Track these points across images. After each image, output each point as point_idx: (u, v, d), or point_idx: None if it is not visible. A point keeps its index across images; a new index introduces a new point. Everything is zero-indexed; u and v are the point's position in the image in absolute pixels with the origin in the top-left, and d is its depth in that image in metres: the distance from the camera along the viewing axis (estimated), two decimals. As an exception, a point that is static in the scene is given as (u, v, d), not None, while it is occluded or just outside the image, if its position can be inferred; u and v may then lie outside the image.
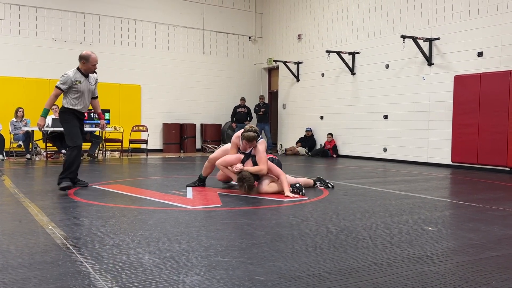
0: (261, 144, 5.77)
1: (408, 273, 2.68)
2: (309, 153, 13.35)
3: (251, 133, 5.68)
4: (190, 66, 15.03)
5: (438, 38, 10.27)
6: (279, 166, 5.98)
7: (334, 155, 12.82)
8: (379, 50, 11.78)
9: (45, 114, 5.81)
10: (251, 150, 5.82)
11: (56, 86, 5.76)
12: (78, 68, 5.87)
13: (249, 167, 5.64)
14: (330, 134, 13.01)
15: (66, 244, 3.18)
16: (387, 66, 11.56)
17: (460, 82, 9.70)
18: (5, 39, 12.32)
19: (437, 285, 2.50)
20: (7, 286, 2.38)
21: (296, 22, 14.80)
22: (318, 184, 6.36)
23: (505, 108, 8.92)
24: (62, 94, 5.85)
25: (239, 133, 5.93)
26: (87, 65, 5.84)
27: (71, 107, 5.83)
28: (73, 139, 5.78)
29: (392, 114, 11.46)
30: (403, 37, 10.37)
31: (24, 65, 12.51)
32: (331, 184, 6.34)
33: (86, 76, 5.92)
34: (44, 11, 12.83)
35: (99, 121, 11.19)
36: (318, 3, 13.87)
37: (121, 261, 2.81)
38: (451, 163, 9.93)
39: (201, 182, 6.28)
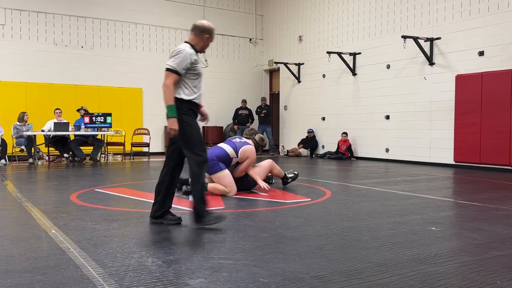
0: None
1: (412, 273, 2.67)
2: (329, 155, 12.68)
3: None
4: (191, 69, 15.01)
5: (439, 38, 10.27)
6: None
7: (353, 158, 12.33)
8: (380, 50, 11.77)
9: (174, 112, 3.82)
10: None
11: (170, 69, 3.82)
12: (190, 44, 4.03)
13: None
14: (345, 133, 12.51)
15: (70, 248, 3.18)
16: (388, 67, 11.55)
17: (462, 81, 9.69)
18: (7, 44, 12.36)
19: (442, 285, 2.49)
20: (11, 290, 2.38)
21: (296, 23, 14.81)
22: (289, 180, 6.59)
23: (507, 107, 8.90)
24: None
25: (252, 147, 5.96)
26: (207, 41, 4.10)
27: (191, 98, 3.92)
28: (200, 150, 3.90)
29: (393, 114, 11.45)
30: (404, 37, 10.37)
31: (25, 70, 12.54)
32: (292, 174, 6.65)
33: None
34: (45, 15, 12.86)
35: (101, 125, 11.35)
36: (318, 4, 13.88)
37: (125, 265, 2.81)
38: (453, 162, 9.91)
39: None
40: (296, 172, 6.69)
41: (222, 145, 5.94)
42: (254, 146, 6.07)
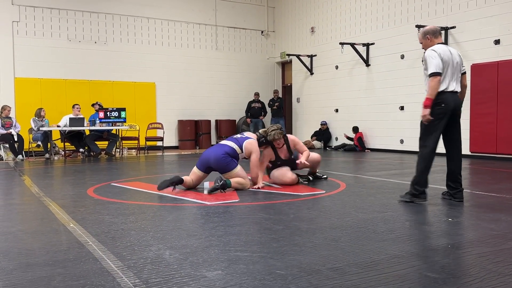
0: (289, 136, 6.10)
1: (429, 265, 2.67)
2: (343, 148, 12.73)
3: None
4: (204, 63, 15.07)
5: (453, 27, 10.12)
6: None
7: (367, 150, 12.31)
8: (393, 40, 11.64)
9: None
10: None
11: (435, 73, 4.33)
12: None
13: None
14: (355, 128, 12.55)
15: (88, 242, 3.23)
16: (402, 57, 11.43)
17: (477, 71, 9.55)
18: (21, 41, 12.50)
19: (460, 277, 2.48)
20: (32, 284, 2.43)
21: (308, 15, 14.71)
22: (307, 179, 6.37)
23: (524, 96, 8.76)
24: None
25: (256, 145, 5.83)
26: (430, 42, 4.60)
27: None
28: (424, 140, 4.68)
29: (408, 105, 11.34)
30: (418, 26, 10.23)
31: (40, 66, 12.68)
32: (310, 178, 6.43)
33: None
34: (59, 12, 12.97)
35: (115, 120, 11.44)
36: (330, -5, 13.75)
37: (143, 257, 2.85)
38: (469, 153, 9.80)
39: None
40: (325, 176, 6.61)
41: (227, 142, 5.82)
42: (257, 140, 5.85)
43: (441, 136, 4.56)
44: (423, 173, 4.54)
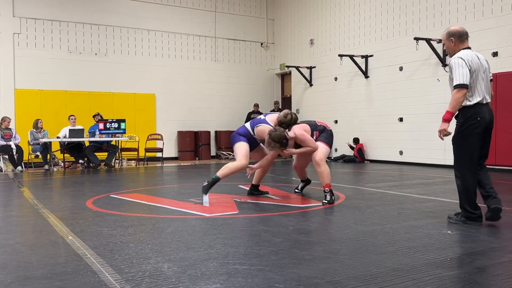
0: (295, 129, 5.57)
1: (429, 278, 2.66)
2: (342, 159, 12.73)
3: (273, 139, 5.42)
4: (203, 74, 15.13)
5: (452, 39, 10.18)
6: (330, 138, 5.74)
7: (367, 161, 12.33)
8: (392, 52, 11.71)
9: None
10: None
11: (461, 86, 3.93)
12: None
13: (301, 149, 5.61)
14: (355, 139, 12.58)
15: (87, 254, 3.22)
16: (401, 69, 11.49)
17: None
18: (22, 53, 12.56)
19: (459, 290, 2.47)
20: (30, 297, 2.41)
21: (307, 27, 14.81)
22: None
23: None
24: None
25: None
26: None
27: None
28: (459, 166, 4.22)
29: (407, 116, 11.38)
30: (416, 39, 10.30)
31: (40, 77, 12.72)
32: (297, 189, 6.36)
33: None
34: (59, 24, 13.05)
35: (115, 131, 11.46)
36: (329, 7, 13.87)
37: (141, 270, 2.84)
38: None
39: (255, 189, 6.10)
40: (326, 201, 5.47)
41: (247, 124, 5.88)
42: (279, 124, 5.57)
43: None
44: (469, 201, 4.09)
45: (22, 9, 12.59)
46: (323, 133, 5.73)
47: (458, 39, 4.11)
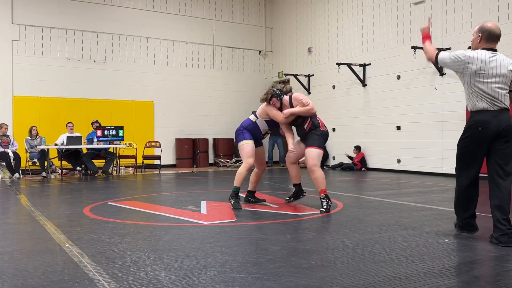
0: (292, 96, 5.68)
1: (427, 287, 2.65)
2: (340, 167, 12.70)
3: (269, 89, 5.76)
4: (202, 82, 15.16)
5: (449, 48, 10.22)
6: (321, 140, 5.51)
7: (364, 169, 12.26)
8: (390, 61, 11.77)
9: None
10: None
11: (437, 56, 3.96)
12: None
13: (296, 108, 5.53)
14: (357, 147, 12.48)
15: (84, 262, 3.21)
16: (398, 77, 11.54)
17: None
18: (20, 60, 12.57)
19: (456, 299, 2.47)
20: (27, 305, 2.40)
21: (305, 35, 14.88)
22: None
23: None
24: None
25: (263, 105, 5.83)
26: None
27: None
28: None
29: (405, 125, 11.41)
30: (414, 48, 10.36)
31: (38, 84, 12.72)
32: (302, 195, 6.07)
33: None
34: (58, 31, 13.08)
35: (113, 138, 11.46)
36: (327, 16, 13.94)
37: (138, 279, 2.83)
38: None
39: (251, 196, 6.06)
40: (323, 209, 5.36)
41: (250, 116, 6.00)
42: (272, 97, 5.66)
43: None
44: (457, 208, 3.97)
45: (21, 16, 12.62)
46: (314, 133, 5.51)
47: (486, 37, 3.79)
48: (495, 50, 3.79)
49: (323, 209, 5.29)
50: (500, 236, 3.61)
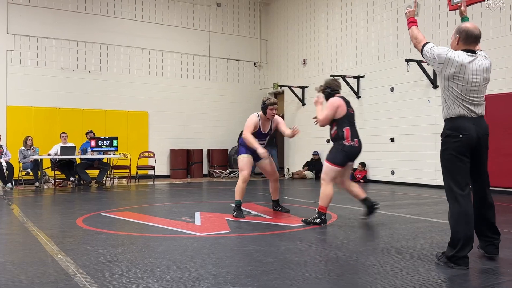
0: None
1: (420, 299, 2.65)
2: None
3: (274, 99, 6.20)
4: (197, 92, 15.19)
5: (442, 61, 10.34)
6: (337, 155, 5.19)
7: (362, 181, 12.10)
8: (383, 73, 11.86)
9: None
10: (270, 125, 6.26)
11: (424, 45, 3.76)
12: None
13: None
14: (362, 163, 12.16)
15: (76, 274, 3.18)
16: (392, 89, 11.62)
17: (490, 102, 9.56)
18: (15, 69, 12.55)
19: (450, 312, 2.46)
20: (18, 317, 2.37)
21: (300, 47, 14.98)
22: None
23: (512, 130, 8.90)
24: None
25: (254, 114, 6.36)
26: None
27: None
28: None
29: (399, 136, 11.46)
30: (407, 60, 10.45)
31: (33, 94, 12.69)
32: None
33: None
34: (53, 41, 13.09)
35: (107, 148, 11.41)
36: (322, 28, 14.06)
37: (131, 291, 2.80)
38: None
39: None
40: (306, 220, 5.29)
41: None
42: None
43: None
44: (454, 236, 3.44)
45: (16, 26, 12.63)
46: (335, 145, 5.25)
47: (464, 38, 3.56)
48: (474, 52, 3.52)
49: (305, 220, 5.23)
50: (486, 247, 3.53)
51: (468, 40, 3.54)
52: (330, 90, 5.55)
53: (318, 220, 5.13)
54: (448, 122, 3.46)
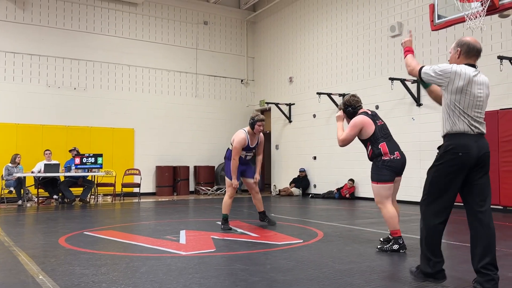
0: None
1: (405, 318, 2.64)
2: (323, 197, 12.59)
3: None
4: (183, 109, 15.19)
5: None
6: (378, 171, 5.04)
7: (348, 196, 12.15)
8: (368, 91, 11.99)
9: None
10: (258, 140, 6.66)
11: (420, 69, 3.55)
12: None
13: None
14: (352, 180, 12.30)
15: (57, 295, 3.12)
16: (377, 107, 11.74)
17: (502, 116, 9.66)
18: (-1, 86, 12.44)
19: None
20: None
21: (287, 65, 15.12)
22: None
23: (495, 147, 9.02)
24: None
25: (241, 131, 6.70)
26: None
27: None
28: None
29: (384, 154, 11.54)
30: (392, 79, 10.60)
31: (17, 111, 12.56)
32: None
33: None
34: (39, 58, 13.02)
35: (91, 166, 11.29)
36: (308, 47, 14.23)
37: (113, 312, 2.75)
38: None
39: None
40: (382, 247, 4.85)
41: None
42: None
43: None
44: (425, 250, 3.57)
45: (1, 43, 12.55)
46: (374, 162, 5.04)
47: (465, 52, 3.47)
48: (475, 67, 3.46)
49: (381, 248, 4.73)
50: (486, 282, 3.24)
51: (470, 54, 3.47)
52: (351, 109, 5.28)
53: (396, 246, 4.67)
54: (449, 138, 3.38)
